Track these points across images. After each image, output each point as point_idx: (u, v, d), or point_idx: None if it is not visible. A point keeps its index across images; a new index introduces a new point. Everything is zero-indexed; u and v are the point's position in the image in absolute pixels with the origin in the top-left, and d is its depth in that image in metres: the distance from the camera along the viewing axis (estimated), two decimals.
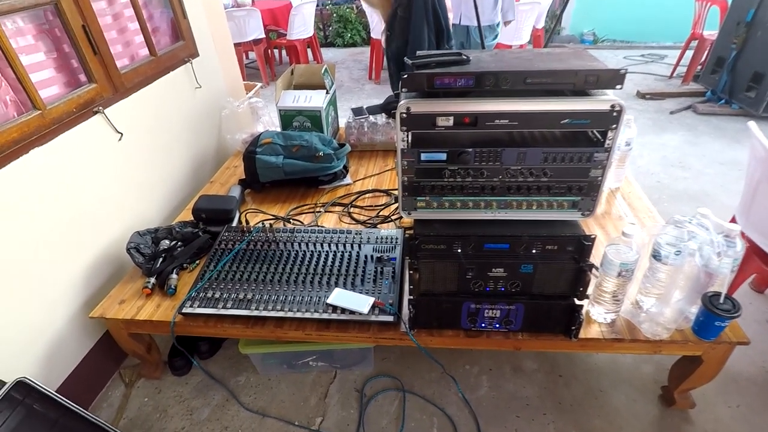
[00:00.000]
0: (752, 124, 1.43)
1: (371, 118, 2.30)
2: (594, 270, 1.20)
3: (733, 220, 1.65)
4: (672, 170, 2.84)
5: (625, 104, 0.91)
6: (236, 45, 4.78)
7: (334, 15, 6.38)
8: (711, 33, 4.03)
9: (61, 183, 1.44)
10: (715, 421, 1.43)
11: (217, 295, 1.37)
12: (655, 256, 1.19)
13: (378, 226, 1.72)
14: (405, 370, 1.60)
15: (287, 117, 2.22)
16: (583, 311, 1.19)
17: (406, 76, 0.94)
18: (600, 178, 1.02)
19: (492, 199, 1.06)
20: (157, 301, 1.43)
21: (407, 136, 0.99)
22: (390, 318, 1.28)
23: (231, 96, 2.52)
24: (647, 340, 1.23)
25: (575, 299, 1.18)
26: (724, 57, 3.68)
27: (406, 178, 1.05)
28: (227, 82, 2.55)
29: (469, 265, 1.14)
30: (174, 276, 1.48)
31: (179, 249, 1.57)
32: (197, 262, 1.58)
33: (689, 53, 4.26)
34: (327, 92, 2.28)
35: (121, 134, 1.66)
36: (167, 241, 1.59)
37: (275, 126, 2.37)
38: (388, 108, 2.34)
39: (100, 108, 1.57)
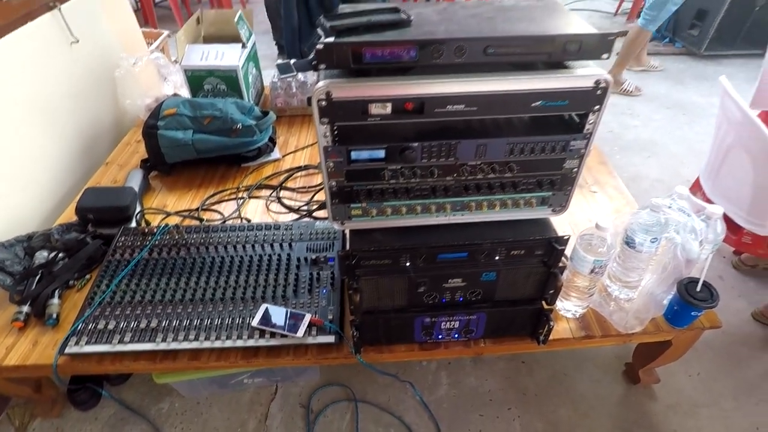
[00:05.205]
0: (724, 80, 1.24)
1: (300, 76, 1.95)
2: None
3: (697, 182, 1.54)
4: (622, 118, 2.74)
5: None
6: None
7: None
8: None
9: None
10: (678, 394, 1.39)
11: (111, 326, 1.09)
12: (629, 243, 1.04)
13: (314, 213, 1.46)
14: (356, 376, 1.42)
15: (195, 79, 1.82)
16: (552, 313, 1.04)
17: (321, 46, 0.66)
18: (576, 169, 0.82)
19: (445, 201, 0.84)
20: (34, 336, 1.12)
21: (330, 130, 0.72)
22: (331, 339, 1.06)
23: (126, 51, 2.05)
24: (619, 333, 1.11)
25: (543, 303, 1.02)
26: None
27: (334, 183, 0.80)
28: (119, 32, 2.06)
29: (421, 279, 0.93)
30: (55, 301, 1.16)
31: (61, 263, 1.25)
32: (88, 276, 1.27)
33: None
34: (244, 46, 1.88)
35: None
36: (45, 253, 1.25)
37: (187, 87, 1.95)
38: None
39: None
